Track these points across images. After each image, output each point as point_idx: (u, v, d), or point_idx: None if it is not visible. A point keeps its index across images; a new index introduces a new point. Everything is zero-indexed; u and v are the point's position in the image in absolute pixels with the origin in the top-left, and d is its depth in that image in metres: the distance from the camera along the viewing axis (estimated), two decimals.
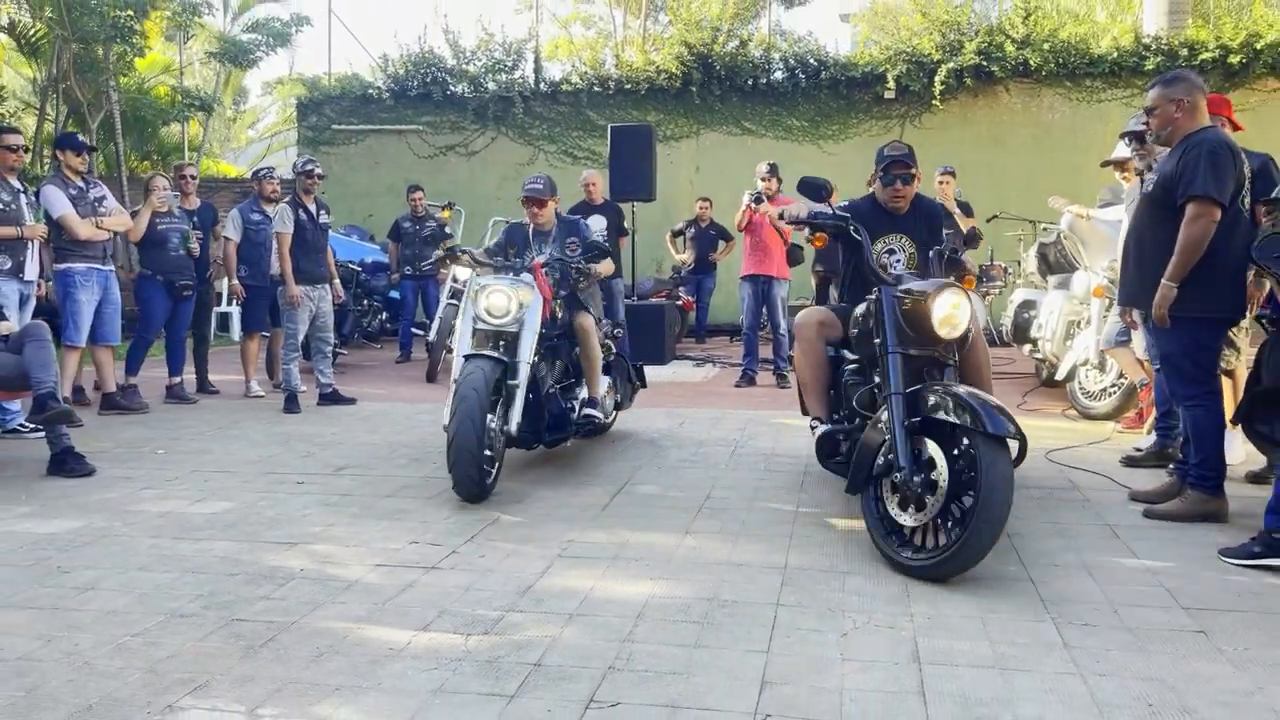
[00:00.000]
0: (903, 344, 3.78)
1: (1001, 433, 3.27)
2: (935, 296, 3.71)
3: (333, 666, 2.77)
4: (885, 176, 4.56)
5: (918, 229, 4.61)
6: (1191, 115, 4.07)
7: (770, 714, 2.48)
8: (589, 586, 3.44)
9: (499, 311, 4.73)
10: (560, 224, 5.54)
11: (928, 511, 3.45)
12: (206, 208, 8.31)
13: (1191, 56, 11.94)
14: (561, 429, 5.14)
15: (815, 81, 13.20)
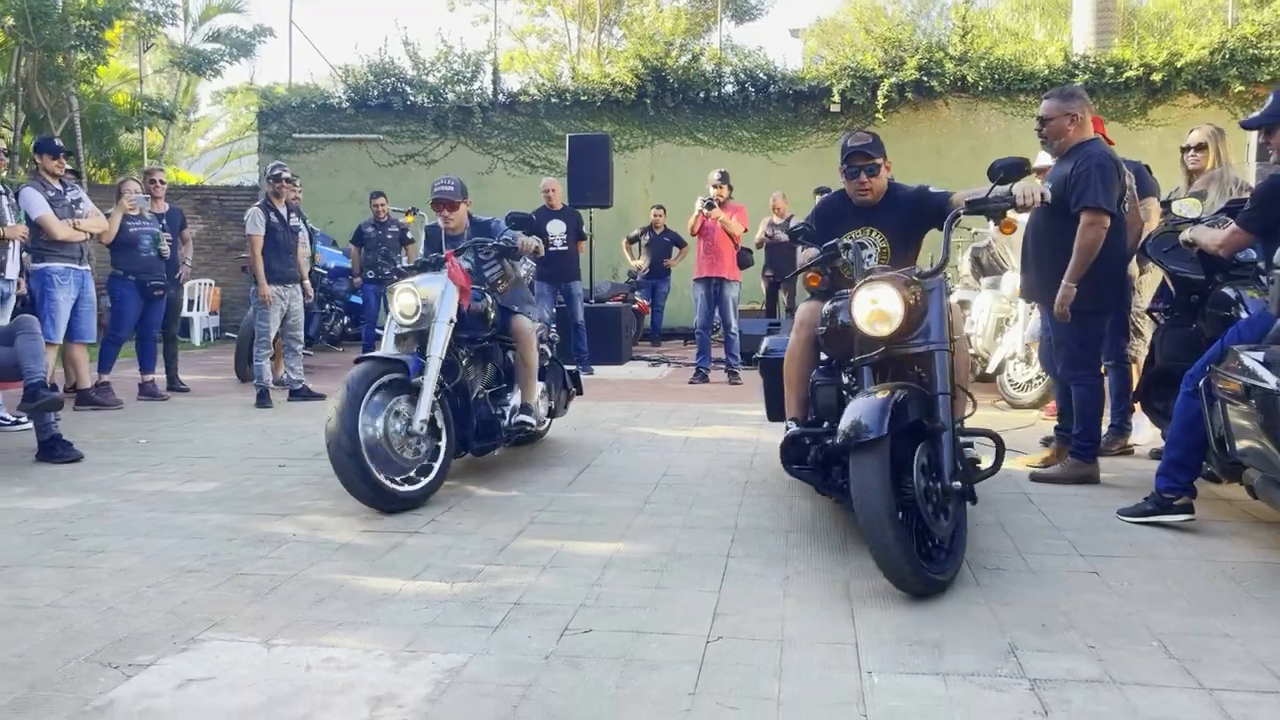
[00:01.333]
0: (863, 352, 3.57)
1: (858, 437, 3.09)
2: (851, 300, 3.51)
3: (334, 607, 3.12)
4: (849, 169, 4.28)
5: (890, 220, 4.26)
6: (1081, 128, 4.62)
7: (721, 635, 2.89)
8: (559, 545, 3.82)
9: (409, 311, 4.58)
10: (473, 226, 5.36)
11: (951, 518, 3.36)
12: (175, 212, 8.57)
13: (1117, 74, 12.63)
14: (490, 436, 4.89)
15: (764, 95, 13.72)
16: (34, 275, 6.79)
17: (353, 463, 4.05)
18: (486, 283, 5.14)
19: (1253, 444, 3.38)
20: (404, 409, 4.34)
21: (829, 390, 3.95)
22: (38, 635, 2.90)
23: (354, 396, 4.12)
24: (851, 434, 3.11)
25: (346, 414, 4.07)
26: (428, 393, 4.38)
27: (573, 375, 6.13)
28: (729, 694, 2.50)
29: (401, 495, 4.23)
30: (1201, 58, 12.36)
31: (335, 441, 4.05)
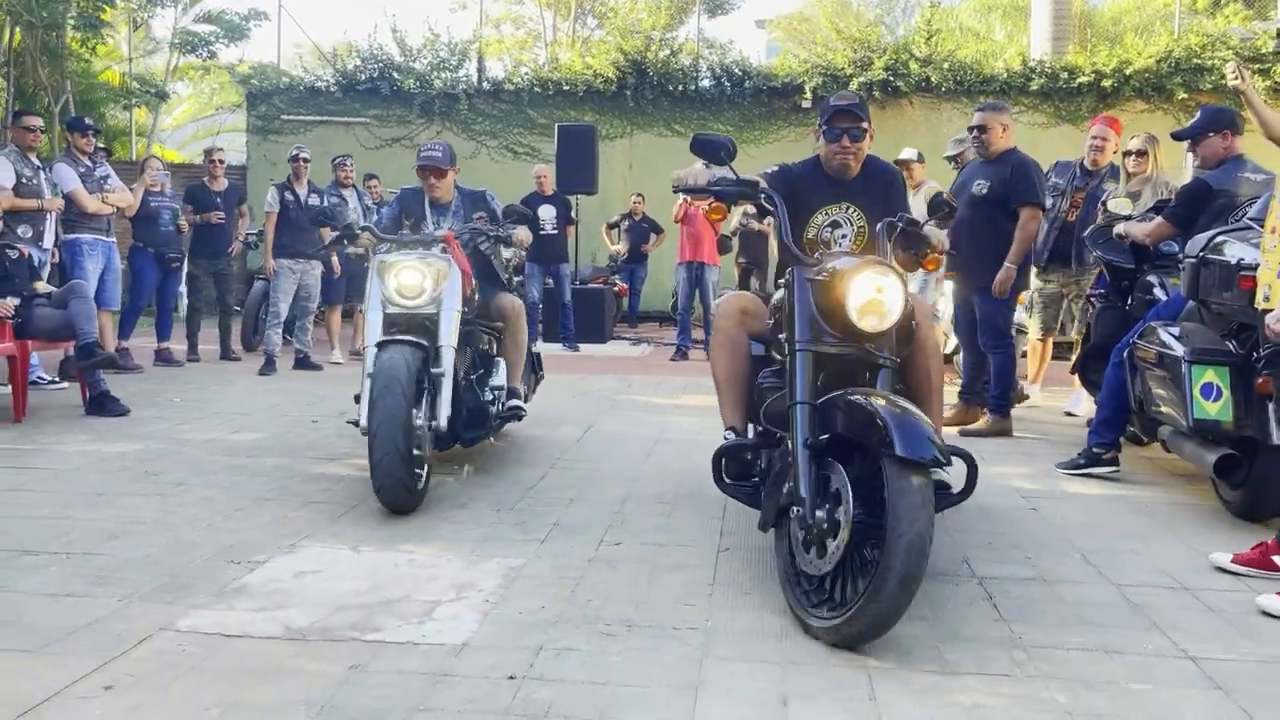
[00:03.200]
0: (816, 338, 2.98)
1: (914, 456, 2.49)
2: (851, 278, 2.89)
3: (400, 528, 3.70)
4: (830, 130, 3.59)
5: (870, 197, 3.64)
6: (1008, 136, 5.49)
7: (729, 547, 3.53)
8: (580, 486, 4.44)
9: (412, 291, 4.10)
10: (462, 196, 4.96)
11: (829, 556, 2.70)
12: (233, 189, 9.10)
13: (1070, 79, 13.43)
14: (481, 424, 4.56)
15: (739, 90, 14.35)
16: (64, 246, 7.23)
17: (404, 470, 3.67)
18: (480, 256, 4.83)
19: (1164, 402, 4.08)
20: (425, 403, 3.97)
21: (779, 397, 3.22)
22: (157, 543, 3.46)
23: (407, 392, 3.71)
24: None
25: (404, 414, 3.66)
26: (448, 385, 4.04)
27: (537, 358, 5.74)
28: (742, 585, 3.14)
29: (417, 495, 3.91)
30: (1149, 65, 13.18)
31: (389, 446, 3.61)
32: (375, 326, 4.13)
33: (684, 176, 3.50)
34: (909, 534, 2.46)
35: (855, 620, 2.55)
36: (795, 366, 2.96)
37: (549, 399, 6.86)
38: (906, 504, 2.48)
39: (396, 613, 2.86)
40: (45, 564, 3.23)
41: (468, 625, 2.78)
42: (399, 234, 4.61)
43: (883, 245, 3.30)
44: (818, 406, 2.89)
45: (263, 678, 2.41)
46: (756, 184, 3.41)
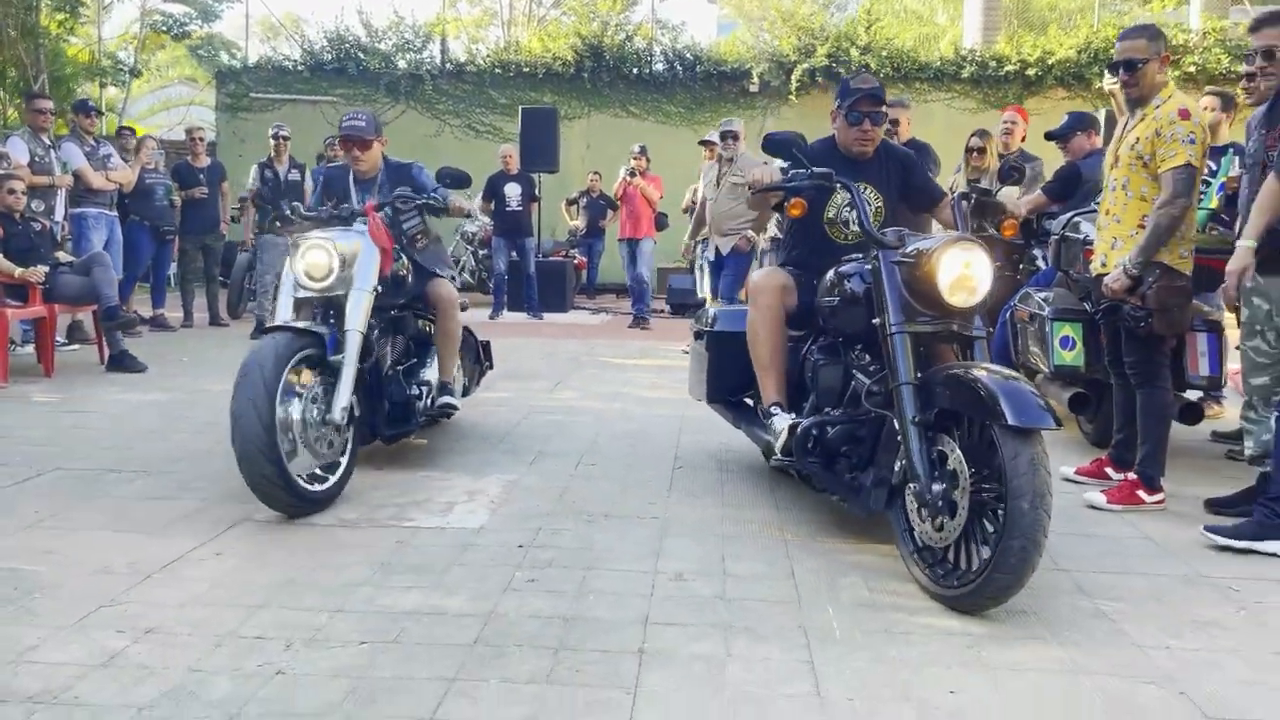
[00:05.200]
0: (910, 319, 3.05)
1: (1027, 423, 2.59)
2: (940, 256, 2.96)
3: (413, 456, 4.50)
4: (851, 114, 3.71)
5: (886, 179, 3.78)
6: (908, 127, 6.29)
7: (682, 465, 4.40)
8: (557, 425, 5.26)
9: (319, 272, 3.82)
10: (388, 169, 4.56)
11: (951, 529, 2.80)
12: (216, 165, 9.68)
13: (998, 68, 14.40)
14: (405, 420, 4.24)
15: (691, 73, 15.12)
16: (72, 219, 7.85)
17: (272, 467, 3.33)
18: (404, 237, 4.33)
19: (1034, 355, 5.00)
20: (319, 393, 3.65)
21: (834, 371, 3.52)
22: (215, 465, 4.21)
23: (270, 381, 3.37)
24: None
25: (263, 404, 3.32)
26: (349, 375, 3.70)
27: (485, 347, 5.40)
28: (693, 490, 4.01)
29: (312, 496, 3.55)
30: (1070, 56, 14.19)
31: (249, 439, 3.30)
32: (283, 312, 3.94)
33: (760, 177, 3.58)
34: (1028, 502, 2.56)
35: (982, 590, 2.67)
36: (895, 348, 3.02)
37: (522, 359, 7.67)
38: (1023, 472, 2.57)
39: (423, 509, 3.68)
40: (130, 479, 4.00)
41: (480, 517, 3.61)
42: (318, 211, 4.28)
43: (956, 218, 3.42)
44: (919, 385, 2.95)
45: (332, 548, 3.22)
46: (830, 174, 3.40)
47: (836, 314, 3.49)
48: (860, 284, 3.34)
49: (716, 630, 2.63)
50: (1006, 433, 2.62)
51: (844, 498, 3.35)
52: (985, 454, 2.75)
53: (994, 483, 2.70)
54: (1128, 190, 3.77)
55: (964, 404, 2.81)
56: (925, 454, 2.88)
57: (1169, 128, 3.61)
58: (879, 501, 3.14)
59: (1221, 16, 14.81)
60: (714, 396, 4.36)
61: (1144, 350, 3.78)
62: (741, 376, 4.11)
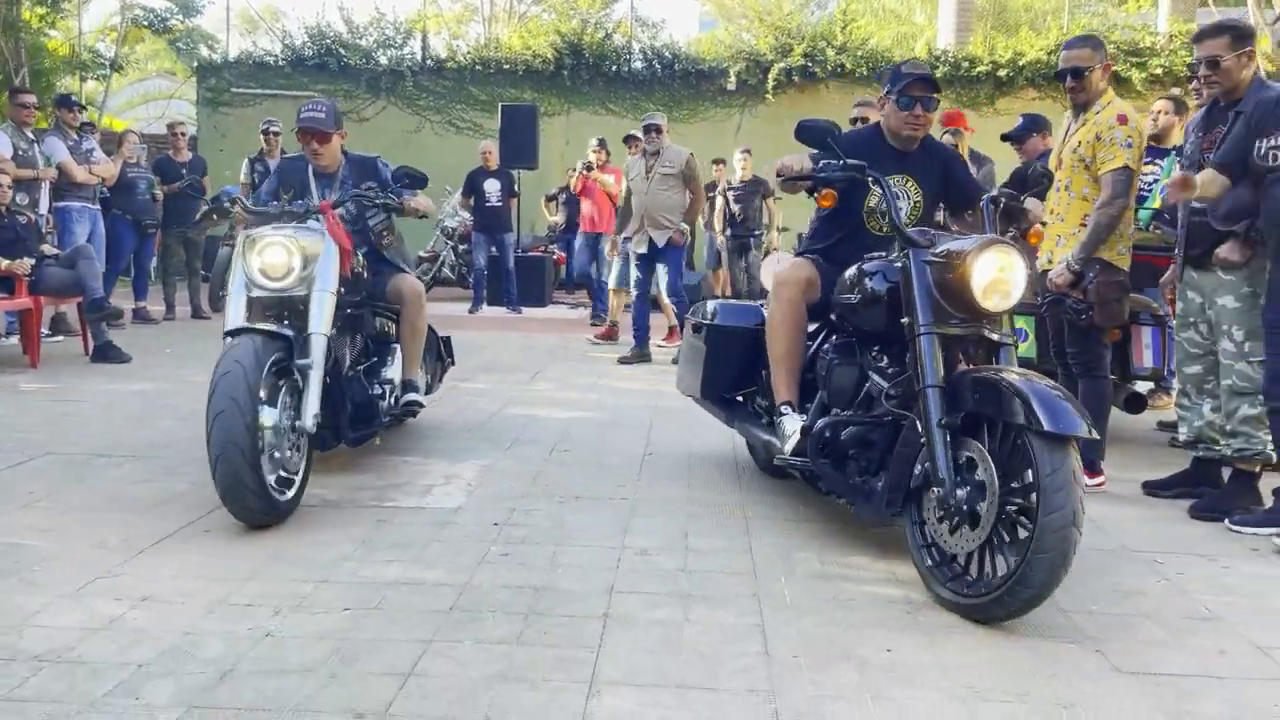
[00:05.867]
0: (940, 321, 2.98)
1: (1064, 430, 2.53)
2: (975, 258, 2.89)
3: (396, 444, 4.66)
4: (902, 99, 3.57)
5: (928, 173, 3.67)
6: None
7: (651, 452, 4.59)
8: (533, 414, 5.45)
9: (277, 271, 3.64)
10: (350, 164, 4.38)
11: (980, 531, 2.72)
12: (198, 160, 9.79)
13: (970, 68, 14.64)
14: (369, 421, 4.09)
15: (669, 72, 15.29)
16: (55, 212, 7.95)
17: (252, 474, 3.20)
18: (370, 234, 4.32)
19: None
20: (286, 398, 3.52)
21: (849, 371, 3.43)
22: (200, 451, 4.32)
23: (254, 381, 3.26)
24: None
25: (246, 403, 3.20)
26: (317, 380, 3.55)
27: (445, 343, 5.28)
28: (660, 474, 4.21)
29: (283, 505, 3.41)
30: (1039, 57, 14.44)
31: (231, 443, 3.16)
32: (236, 312, 3.68)
33: (789, 165, 3.52)
34: (1064, 507, 2.48)
35: (1003, 602, 2.60)
36: (923, 350, 2.93)
37: (500, 352, 7.85)
38: (1057, 475, 2.50)
39: (402, 490, 3.86)
40: (120, 463, 4.16)
41: (457, 498, 3.79)
42: (271, 205, 4.11)
43: (987, 220, 3.31)
44: (946, 388, 2.87)
45: (316, 527, 3.40)
46: (863, 167, 3.30)
47: (857, 311, 3.37)
48: (884, 282, 3.23)
49: (676, 599, 2.82)
50: (1043, 441, 2.54)
51: (852, 500, 3.25)
52: (1011, 462, 2.69)
53: (1022, 495, 2.64)
54: (1070, 191, 3.99)
55: (995, 408, 2.72)
56: (950, 459, 2.80)
57: (1108, 132, 3.83)
58: (893, 506, 3.04)
59: (1188, 19, 15.12)
60: (708, 393, 4.19)
61: (1085, 341, 3.99)
62: (738, 373, 4.03)
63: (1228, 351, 3.67)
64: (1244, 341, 3.62)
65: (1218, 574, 3.17)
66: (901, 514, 3.04)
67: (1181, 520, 3.71)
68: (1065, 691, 2.31)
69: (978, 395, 2.79)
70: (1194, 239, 3.77)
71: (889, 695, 2.27)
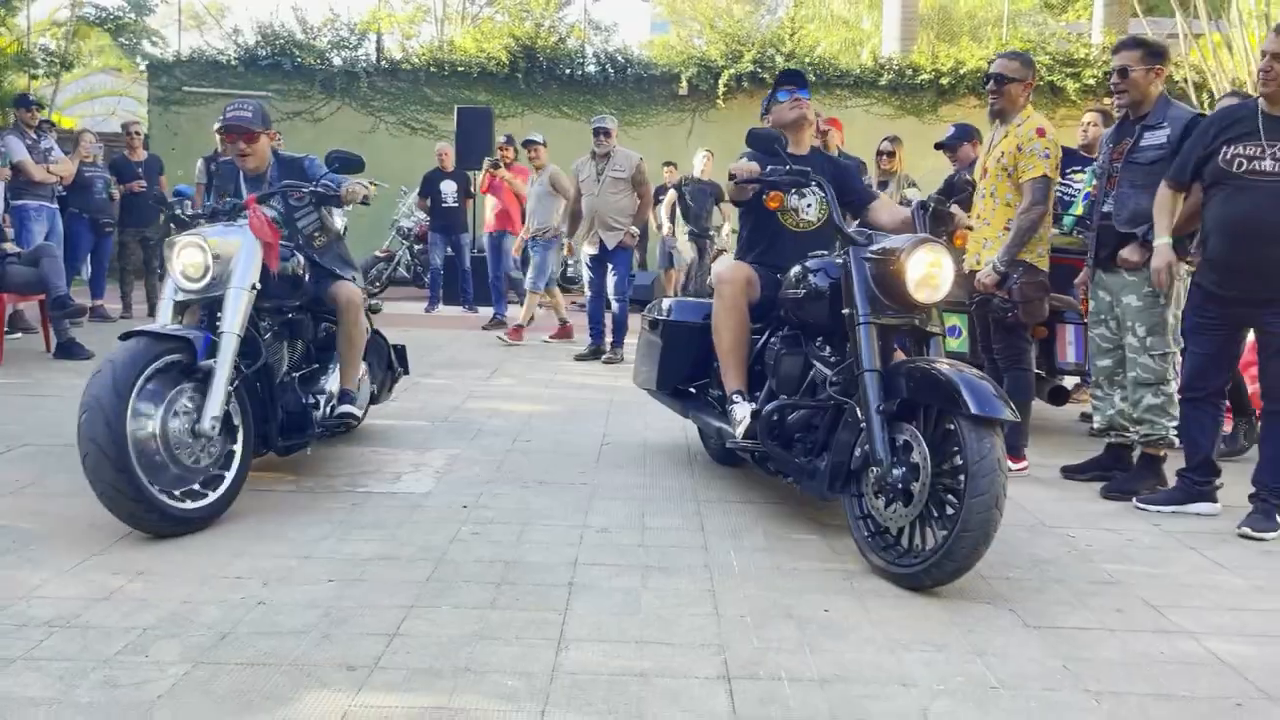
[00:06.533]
0: (877, 312, 3.25)
1: (989, 414, 2.79)
2: (909, 255, 3.17)
3: (360, 434, 4.85)
4: (780, 92, 4.08)
5: (827, 174, 3.84)
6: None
7: (609, 442, 4.86)
8: (495, 406, 5.69)
9: (195, 271, 3.55)
10: (280, 164, 4.22)
11: (912, 509, 3.00)
12: (154, 159, 9.84)
13: (914, 76, 15.12)
14: (301, 429, 3.99)
15: (622, 76, 15.57)
16: (12, 211, 8.00)
17: (121, 477, 3.08)
18: (300, 236, 4.15)
19: None
20: (188, 402, 3.38)
21: (795, 360, 3.72)
22: None
23: (120, 386, 3.13)
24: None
25: (111, 411, 3.08)
26: (221, 381, 3.42)
27: (398, 352, 5.15)
28: (618, 461, 4.47)
29: (183, 514, 3.28)
30: (980, 66, 14.96)
31: (95, 446, 3.06)
32: (163, 316, 3.79)
33: (739, 169, 3.82)
34: (987, 491, 2.74)
35: (930, 572, 2.89)
36: (861, 338, 3.20)
37: (459, 349, 8.05)
38: (984, 462, 2.76)
39: (374, 477, 4.09)
40: None
41: (426, 484, 4.02)
42: (204, 208, 4.12)
43: (918, 222, 3.55)
44: (882, 374, 3.15)
45: (295, 510, 3.61)
46: (806, 172, 3.65)
47: (801, 306, 3.65)
48: (826, 279, 3.53)
49: (635, 569, 3.09)
50: (969, 424, 2.79)
51: (798, 480, 3.53)
52: (943, 446, 2.96)
53: (950, 476, 2.92)
54: (995, 197, 4.33)
55: (927, 394, 3.00)
56: (887, 441, 3.06)
57: (1029, 143, 4.17)
58: (835, 484, 3.29)
59: (1121, 31, 15.75)
60: (664, 385, 4.42)
61: (1010, 337, 4.33)
62: (692, 366, 4.31)
63: (1132, 346, 4.03)
64: (1146, 337, 3.98)
65: (1122, 546, 3.51)
66: (843, 491, 3.29)
67: (1094, 500, 4.07)
68: (979, 642, 2.62)
69: (912, 382, 3.06)
70: (1102, 241, 4.12)
71: (825, 648, 2.56)
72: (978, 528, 2.78)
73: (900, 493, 3.02)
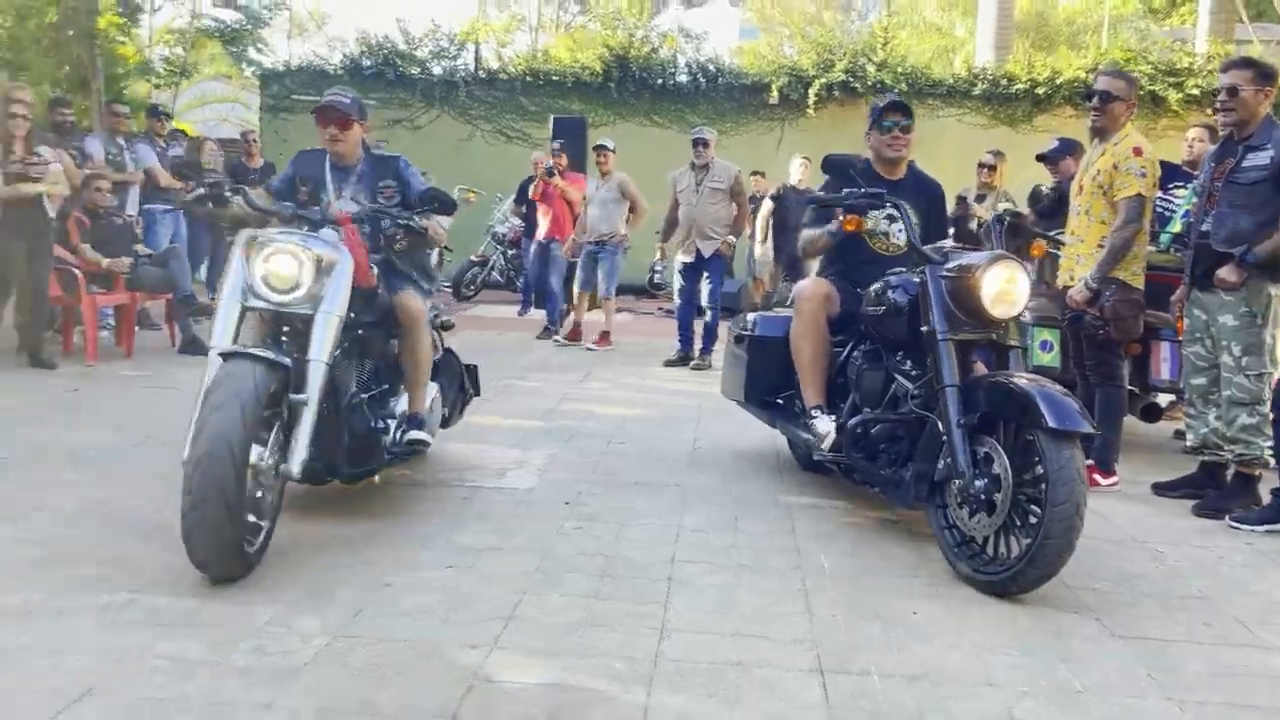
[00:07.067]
0: (955, 328, 3.35)
1: (1067, 427, 2.89)
2: (984, 271, 3.27)
3: (464, 430, 5.12)
4: (882, 123, 4.15)
5: (916, 199, 4.03)
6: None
7: (699, 445, 5.03)
8: (587, 412, 5.90)
9: (284, 282, 3.17)
10: (370, 161, 3.96)
11: (996, 518, 3.09)
12: (268, 165, 10.36)
13: (1008, 85, 14.96)
14: (368, 458, 3.59)
15: (713, 85, 15.74)
16: (142, 214, 8.53)
17: (231, 530, 2.80)
18: (380, 236, 3.78)
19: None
20: (279, 435, 3.11)
21: (876, 375, 3.80)
22: None
23: (251, 420, 2.85)
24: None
25: (239, 445, 2.79)
26: (310, 419, 3.12)
27: (470, 372, 4.73)
28: (707, 464, 4.64)
29: (248, 560, 2.95)
30: (1078, 75, 14.73)
31: (216, 491, 2.73)
32: (228, 323, 3.23)
33: (810, 245, 4.18)
34: (1068, 500, 2.85)
35: (1015, 580, 3.00)
36: (940, 354, 3.32)
37: (552, 351, 8.32)
38: (1064, 472, 2.87)
39: (480, 472, 4.34)
40: None
41: (530, 480, 4.25)
42: (279, 205, 3.67)
43: (993, 237, 3.78)
44: (962, 389, 3.26)
45: (411, 500, 3.87)
46: (881, 194, 3.79)
47: (881, 322, 3.75)
48: (904, 295, 3.61)
49: (729, 569, 3.25)
50: (1049, 437, 2.90)
51: (883, 489, 3.68)
52: (1023, 457, 3.07)
53: (1032, 486, 3.02)
54: (1090, 215, 4.38)
55: (1006, 408, 3.13)
56: (969, 453, 3.18)
57: (1125, 162, 4.21)
58: (919, 495, 3.42)
59: (1227, 40, 15.34)
60: (750, 397, 4.57)
61: (1102, 354, 4.38)
62: (778, 379, 4.39)
63: (1227, 365, 4.04)
64: (1241, 356, 3.99)
65: (1213, 563, 3.55)
66: (927, 501, 3.42)
67: (1185, 517, 4.09)
68: (1065, 649, 2.72)
69: (992, 397, 3.19)
70: (1199, 260, 4.14)
71: (913, 648, 2.69)
72: (1060, 535, 2.88)
73: (983, 503, 3.12)
